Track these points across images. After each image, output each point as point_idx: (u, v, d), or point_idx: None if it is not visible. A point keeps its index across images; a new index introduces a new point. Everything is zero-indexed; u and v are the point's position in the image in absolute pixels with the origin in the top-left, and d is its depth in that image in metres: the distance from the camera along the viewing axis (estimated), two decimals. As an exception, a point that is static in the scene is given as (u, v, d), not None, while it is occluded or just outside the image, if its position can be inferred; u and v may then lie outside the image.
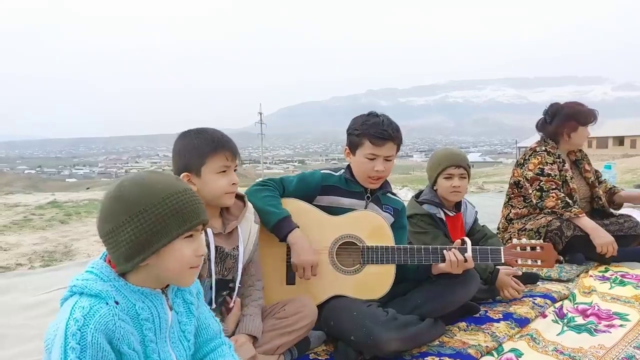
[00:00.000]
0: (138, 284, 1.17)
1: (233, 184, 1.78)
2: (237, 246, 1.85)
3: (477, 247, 2.13)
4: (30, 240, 4.75)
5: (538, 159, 3.33)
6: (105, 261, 1.18)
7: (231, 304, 1.83)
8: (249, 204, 1.95)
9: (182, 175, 1.74)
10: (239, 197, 1.94)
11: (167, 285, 1.26)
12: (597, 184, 3.52)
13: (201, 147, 1.73)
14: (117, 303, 1.11)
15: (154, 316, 1.19)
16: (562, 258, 3.16)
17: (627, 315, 2.35)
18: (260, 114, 51.15)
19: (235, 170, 1.81)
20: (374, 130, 2.10)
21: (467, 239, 2.14)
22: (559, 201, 3.17)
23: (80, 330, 1.04)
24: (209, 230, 1.75)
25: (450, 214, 2.67)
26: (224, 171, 1.75)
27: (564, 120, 3.38)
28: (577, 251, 3.16)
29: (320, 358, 1.99)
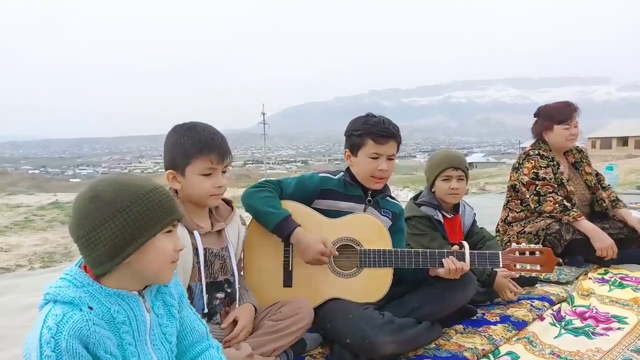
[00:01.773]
0: (114, 287, 1.17)
1: (218, 186, 1.75)
2: (226, 247, 1.85)
3: (476, 252, 2.12)
4: (31, 241, 4.78)
5: (532, 163, 3.32)
6: (80, 267, 1.18)
7: (235, 305, 1.84)
8: (237, 210, 1.95)
9: (167, 172, 1.74)
10: (227, 202, 1.94)
11: (145, 288, 1.26)
12: (599, 186, 3.47)
13: (187, 146, 1.70)
14: (91, 308, 1.11)
15: (131, 319, 1.19)
16: (561, 260, 3.14)
17: (626, 318, 2.34)
18: (263, 114, 51.20)
19: (224, 172, 1.79)
20: (377, 129, 2.10)
21: (465, 243, 2.13)
22: (557, 205, 3.15)
23: (54, 338, 1.04)
24: (196, 233, 1.74)
25: (449, 216, 2.66)
26: (209, 174, 1.73)
27: (542, 120, 3.40)
28: (576, 254, 3.15)
29: (316, 360, 1.99)
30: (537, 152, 3.37)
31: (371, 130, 2.11)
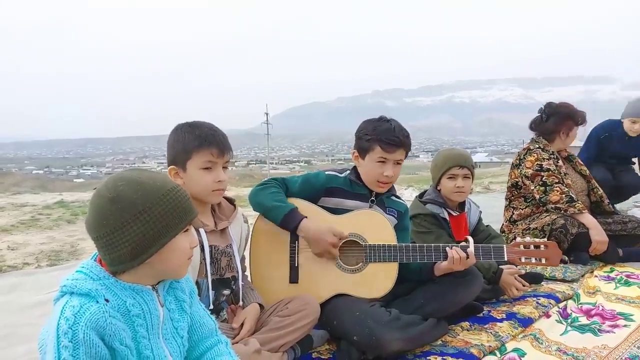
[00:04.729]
0: (130, 281, 1.19)
1: (219, 181, 1.77)
2: (231, 244, 1.87)
3: (480, 245, 2.13)
4: (38, 239, 4.80)
5: (534, 156, 3.34)
6: (95, 261, 1.19)
7: (239, 304, 1.85)
8: (239, 208, 1.97)
9: (169, 169, 1.77)
10: (229, 200, 1.96)
11: (158, 283, 1.27)
12: (592, 176, 3.55)
13: (187, 141, 1.74)
14: (107, 301, 1.12)
15: (145, 312, 1.20)
16: (566, 258, 3.15)
17: (632, 315, 2.34)
18: (267, 114, 51.33)
19: (225, 167, 1.81)
20: (385, 136, 2.10)
21: (469, 237, 2.14)
22: (564, 195, 3.17)
23: (71, 329, 1.05)
24: (202, 230, 1.76)
25: (454, 214, 2.66)
26: (209, 167, 1.75)
27: (562, 119, 3.42)
28: (582, 249, 3.14)
29: (322, 357, 2.00)
30: (537, 146, 3.41)
31: (380, 138, 2.11)
